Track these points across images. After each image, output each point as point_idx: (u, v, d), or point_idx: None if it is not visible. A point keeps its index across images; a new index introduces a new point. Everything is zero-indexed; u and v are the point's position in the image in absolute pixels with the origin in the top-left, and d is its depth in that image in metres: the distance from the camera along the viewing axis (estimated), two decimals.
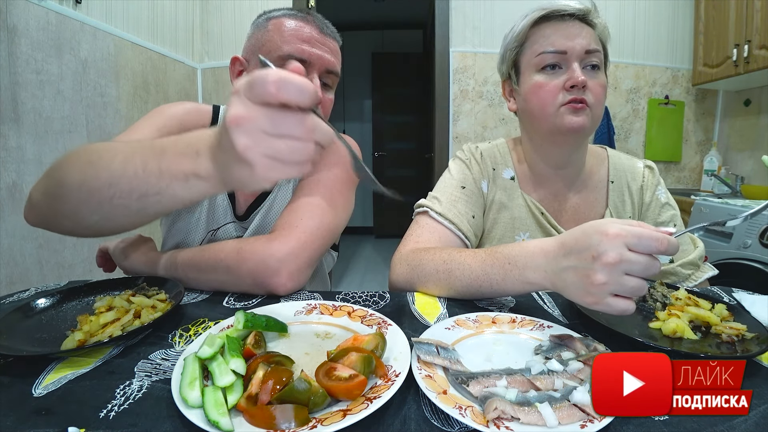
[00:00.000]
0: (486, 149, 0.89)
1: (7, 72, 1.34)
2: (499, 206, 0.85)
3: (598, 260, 0.47)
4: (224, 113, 0.39)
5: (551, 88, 0.74)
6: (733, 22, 2.08)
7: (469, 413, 0.36)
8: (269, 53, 0.73)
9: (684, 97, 2.58)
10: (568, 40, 0.73)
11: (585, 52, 0.73)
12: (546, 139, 0.80)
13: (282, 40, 0.73)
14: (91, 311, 0.56)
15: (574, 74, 0.72)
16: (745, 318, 0.56)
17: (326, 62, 0.75)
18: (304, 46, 0.73)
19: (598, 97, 0.74)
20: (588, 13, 0.75)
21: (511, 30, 0.81)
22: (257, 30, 0.77)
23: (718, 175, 2.35)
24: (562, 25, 0.74)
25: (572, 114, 0.73)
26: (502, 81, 0.87)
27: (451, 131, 2.51)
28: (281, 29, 0.73)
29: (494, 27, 2.45)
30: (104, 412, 0.38)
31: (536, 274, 0.56)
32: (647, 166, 0.88)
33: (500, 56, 0.85)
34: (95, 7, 1.72)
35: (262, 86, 0.36)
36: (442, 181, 0.87)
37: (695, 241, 0.83)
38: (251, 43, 0.77)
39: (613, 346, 0.50)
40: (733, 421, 0.37)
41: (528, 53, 0.77)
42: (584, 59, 0.73)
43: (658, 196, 0.86)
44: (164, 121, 0.78)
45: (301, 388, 0.38)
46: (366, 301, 0.65)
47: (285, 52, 0.72)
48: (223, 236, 0.84)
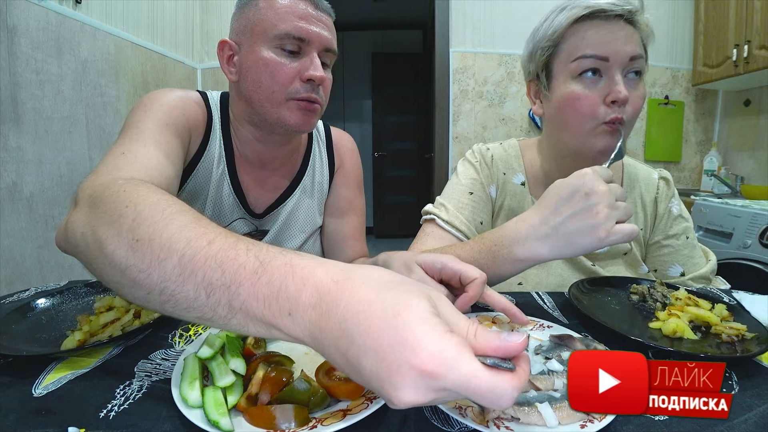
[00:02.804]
0: (497, 153, 0.85)
1: (7, 72, 1.34)
2: (507, 212, 0.83)
3: (593, 194, 0.49)
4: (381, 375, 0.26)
5: (591, 102, 0.66)
6: (732, 22, 2.07)
7: (469, 413, 0.36)
8: (263, 33, 0.68)
9: (684, 97, 2.58)
10: (612, 44, 0.65)
11: (629, 59, 0.65)
12: (569, 154, 0.74)
13: (276, 17, 0.67)
14: (91, 311, 0.56)
15: (615, 87, 0.64)
16: (745, 318, 0.56)
17: (325, 40, 0.70)
18: (301, 24, 0.68)
19: (636, 112, 0.67)
20: (636, 12, 0.66)
21: (542, 24, 0.72)
22: (246, 9, 0.71)
23: (717, 176, 2.35)
24: (605, 25, 0.66)
25: (609, 135, 0.66)
26: (528, 80, 0.78)
27: (451, 131, 2.51)
28: (274, 6, 0.68)
29: (494, 27, 2.45)
30: (104, 412, 0.38)
31: (525, 247, 0.56)
32: (662, 178, 0.85)
33: (528, 53, 0.75)
34: (95, 7, 1.72)
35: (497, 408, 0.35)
36: (449, 186, 0.85)
37: (707, 254, 0.82)
38: (241, 23, 0.71)
39: (613, 346, 0.50)
40: (733, 421, 0.38)
41: (563, 56, 0.69)
42: (627, 66, 0.66)
43: (671, 209, 0.83)
44: (167, 114, 0.69)
45: (301, 388, 0.38)
46: None
47: (281, 30, 0.67)
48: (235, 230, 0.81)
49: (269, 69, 0.68)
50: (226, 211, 0.81)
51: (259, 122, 0.75)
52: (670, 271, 0.81)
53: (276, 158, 0.83)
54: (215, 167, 0.79)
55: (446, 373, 0.25)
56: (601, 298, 0.66)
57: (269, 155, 0.81)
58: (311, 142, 0.91)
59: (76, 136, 1.63)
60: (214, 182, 0.79)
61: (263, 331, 0.32)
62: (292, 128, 0.72)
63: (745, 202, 1.79)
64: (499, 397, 0.25)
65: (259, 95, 0.70)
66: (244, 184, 0.81)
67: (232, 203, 0.81)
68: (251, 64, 0.69)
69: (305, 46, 0.69)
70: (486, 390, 0.25)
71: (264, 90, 0.69)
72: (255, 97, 0.71)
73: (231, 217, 0.82)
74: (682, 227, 0.82)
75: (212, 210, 0.80)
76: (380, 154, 4.91)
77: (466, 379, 0.25)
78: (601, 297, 0.66)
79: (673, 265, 0.81)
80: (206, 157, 0.77)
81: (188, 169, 0.76)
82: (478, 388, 0.25)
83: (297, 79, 0.69)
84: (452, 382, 0.25)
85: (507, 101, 2.47)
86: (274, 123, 0.72)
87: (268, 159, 0.82)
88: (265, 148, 0.80)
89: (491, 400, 0.25)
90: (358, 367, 0.27)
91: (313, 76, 0.69)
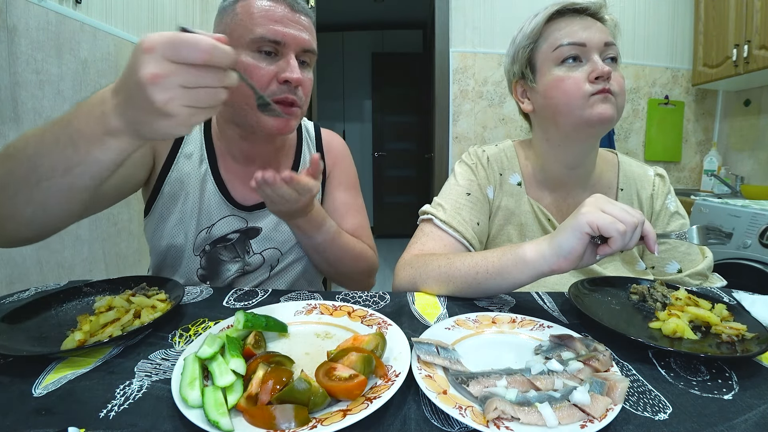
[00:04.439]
0: (493, 154, 0.87)
1: (7, 72, 1.34)
2: (505, 212, 0.84)
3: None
4: (129, 70, 0.42)
5: (575, 80, 0.71)
6: (732, 22, 2.07)
7: (469, 413, 0.36)
8: (241, 38, 0.70)
9: (684, 97, 2.58)
10: (586, 32, 0.72)
11: (604, 44, 0.72)
12: (570, 135, 0.76)
13: (253, 22, 0.69)
14: (91, 311, 0.56)
15: (597, 65, 0.70)
16: (745, 318, 0.56)
17: (301, 42, 0.72)
18: (277, 27, 0.70)
19: (621, 89, 0.73)
20: (601, 8, 0.75)
21: (520, 30, 0.79)
22: (225, 15, 0.73)
23: (717, 176, 2.35)
24: (577, 18, 0.74)
25: (602, 102, 0.70)
26: (513, 82, 0.83)
27: (451, 131, 2.51)
28: (251, 11, 0.70)
29: (494, 27, 2.45)
30: (104, 412, 0.38)
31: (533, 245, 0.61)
32: (658, 174, 0.86)
33: (510, 57, 0.82)
34: (95, 7, 1.72)
35: (194, 51, 0.41)
36: (447, 187, 0.86)
37: (704, 251, 0.82)
38: (221, 29, 0.74)
39: (613, 346, 0.50)
40: (733, 421, 0.38)
41: (544, 48, 0.75)
42: (603, 51, 0.72)
43: (668, 205, 0.84)
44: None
45: (301, 388, 0.38)
46: (366, 301, 0.65)
47: (258, 35, 0.69)
48: (222, 230, 0.82)
49: (247, 73, 0.69)
50: (213, 209, 0.83)
51: (241, 123, 0.77)
52: (667, 268, 0.81)
53: (262, 155, 0.84)
54: (197, 168, 0.82)
55: None
56: (601, 298, 0.66)
57: (255, 152, 0.83)
58: (301, 141, 0.91)
59: None
60: (197, 182, 0.81)
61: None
62: (271, 132, 0.74)
63: (745, 202, 1.79)
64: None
65: (238, 99, 0.72)
66: (229, 181, 0.83)
67: (218, 201, 0.82)
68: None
69: (282, 48, 0.71)
70: None
71: (242, 94, 0.70)
72: (235, 101, 0.73)
73: (219, 214, 0.83)
74: (679, 224, 0.83)
75: (199, 208, 0.82)
76: (380, 154, 4.91)
77: None
78: (601, 297, 0.66)
79: (670, 262, 0.81)
80: (179, 160, 0.81)
81: (162, 174, 0.80)
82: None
83: (274, 81, 0.71)
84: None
85: (507, 101, 2.47)
86: (254, 126, 0.74)
87: (255, 155, 0.83)
88: (251, 146, 0.82)
89: None
90: None
91: (290, 78, 0.70)
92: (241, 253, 0.84)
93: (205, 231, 0.82)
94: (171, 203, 0.81)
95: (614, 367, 0.45)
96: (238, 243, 0.84)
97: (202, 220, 0.82)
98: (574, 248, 0.56)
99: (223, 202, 0.82)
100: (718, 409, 0.39)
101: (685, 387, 0.43)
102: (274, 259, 0.87)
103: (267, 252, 0.85)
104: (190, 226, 0.81)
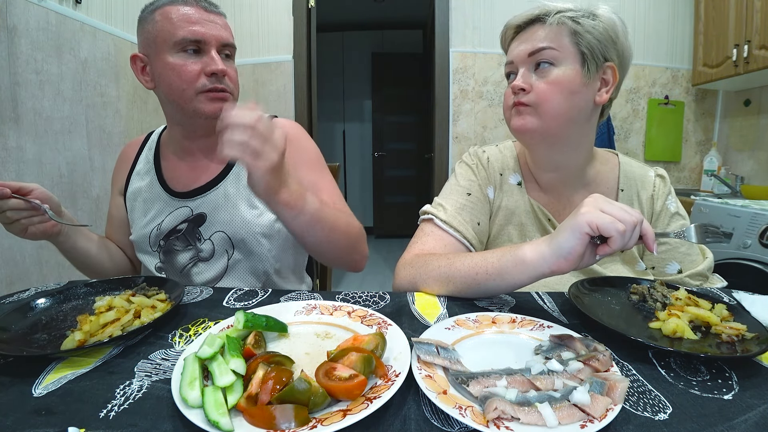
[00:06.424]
0: (493, 154, 0.87)
1: (7, 72, 1.34)
2: (505, 212, 0.84)
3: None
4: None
5: (508, 94, 0.78)
6: (732, 22, 2.07)
7: (469, 413, 0.36)
8: (165, 42, 0.78)
9: (684, 97, 2.58)
10: (516, 50, 0.77)
11: (528, 55, 0.74)
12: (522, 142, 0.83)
13: (173, 27, 0.77)
14: (91, 311, 0.56)
15: (517, 81, 0.75)
16: (745, 318, 0.56)
17: (219, 37, 0.80)
18: (195, 28, 0.78)
19: (544, 97, 0.72)
20: (545, 14, 0.75)
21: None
22: (146, 23, 0.81)
23: (717, 176, 2.35)
24: (523, 35, 0.78)
25: (516, 115, 0.75)
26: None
27: (451, 131, 2.51)
28: (169, 17, 0.78)
29: (494, 27, 2.44)
30: (104, 412, 0.38)
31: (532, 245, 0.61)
32: (659, 175, 0.86)
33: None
34: (95, 7, 1.72)
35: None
36: (447, 187, 0.86)
37: (704, 252, 0.82)
38: (145, 37, 0.81)
39: (613, 347, 0.50)
40: (733, 421, 0.38)
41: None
42: (529, 62, 0.75)
43: (668, 206, 0.84)
44: (111, 181, 1.01)
45: (301, 388, 0.38)
46: (366, 301, 0.65)
47: (180, 37, 0.77)
48: (171, 223, 0.88)
49: (176, 71, 0.78)
50: (161, 207, 0.89)
51: (182, 119, 0.85)
52: (667, 269, 0.81)
53: (202, 149, 0.90)
54: (145, 178, 0.93)
55: None
56: (601, 298, 0.66)
57: (195, 146, 0.90)
58: None
59: (76, 136, 1.63)
60: (147, 189, 0.91)
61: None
62: (209, 116, 0.80)
63: (745, 202, 1.79)
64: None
65: (173, 95, 0.80)
66: (172, 177, 0.91)
67: (165, 198, 0.89)
68: (161, 71, 0.80)
69: (203, 45, 0.79)
70: None
71: (176, 90, 0.79)
72: (171, 98, 0.81)
73: (167, 210, 0.89)
74: (679, 224, 0.83)
75: (147, 207, 0.90)
76: (380, 154, 4.91)
77: None
78: (601, 297, 0.66)
79: (671, 262, 0.81)
80: (132, 180, 0.94)
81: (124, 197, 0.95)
82: None
83: (202, 75, 0.79)
84: None
85: None
86: (192, 115, 0.81)
87: (194, 149, 0.90)
88: (191, 142, 0.89)
89: None
90: None
91: (215, 70, 0.79)
92: (192, 240, 0.88)
93: (155, 228, 0.89)
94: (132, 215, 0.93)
95: (614, 367, 0.45)
96: (188, 232, 0.88)
97: (153, 219, 0.89)
98: (574, 248, 0.56)
99: (169, 198, 0.89)
100: (718, 409, 0.39)
101: (685, 387, 0.43)
102: (225, 244, 0.87)
103: (216, 236, 0.87)
104: (145, 229, 0.90)
